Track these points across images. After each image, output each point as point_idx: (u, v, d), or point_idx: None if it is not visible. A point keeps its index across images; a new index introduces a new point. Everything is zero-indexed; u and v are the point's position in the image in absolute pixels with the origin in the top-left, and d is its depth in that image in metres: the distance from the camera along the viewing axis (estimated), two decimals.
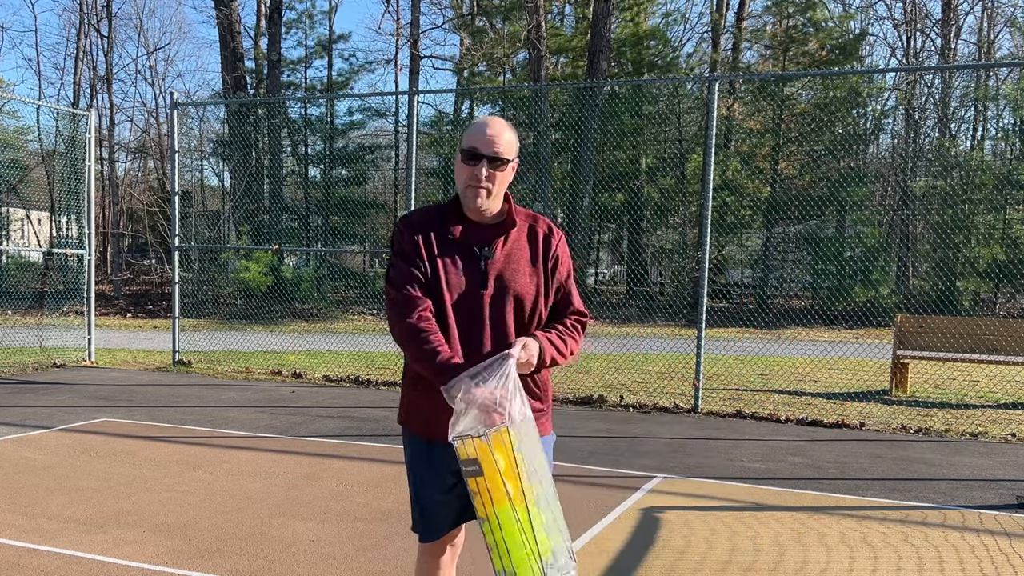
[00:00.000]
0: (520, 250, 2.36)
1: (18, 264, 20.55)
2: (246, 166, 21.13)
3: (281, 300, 17.76)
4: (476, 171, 2.27)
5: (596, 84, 16.73)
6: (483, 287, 2.30)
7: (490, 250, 2.32)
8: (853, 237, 19.17)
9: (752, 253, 20.90)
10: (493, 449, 2.07)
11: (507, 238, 2.34)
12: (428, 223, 2.35)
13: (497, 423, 2.06)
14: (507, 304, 2.31)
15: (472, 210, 2.33)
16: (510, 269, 2.33)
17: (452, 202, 2.40)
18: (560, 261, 2.41)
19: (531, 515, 2.10)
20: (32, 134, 26.01)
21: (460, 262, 2.31)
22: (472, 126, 2.32)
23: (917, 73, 20.67)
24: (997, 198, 18.70)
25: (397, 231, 2.39)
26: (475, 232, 2.35)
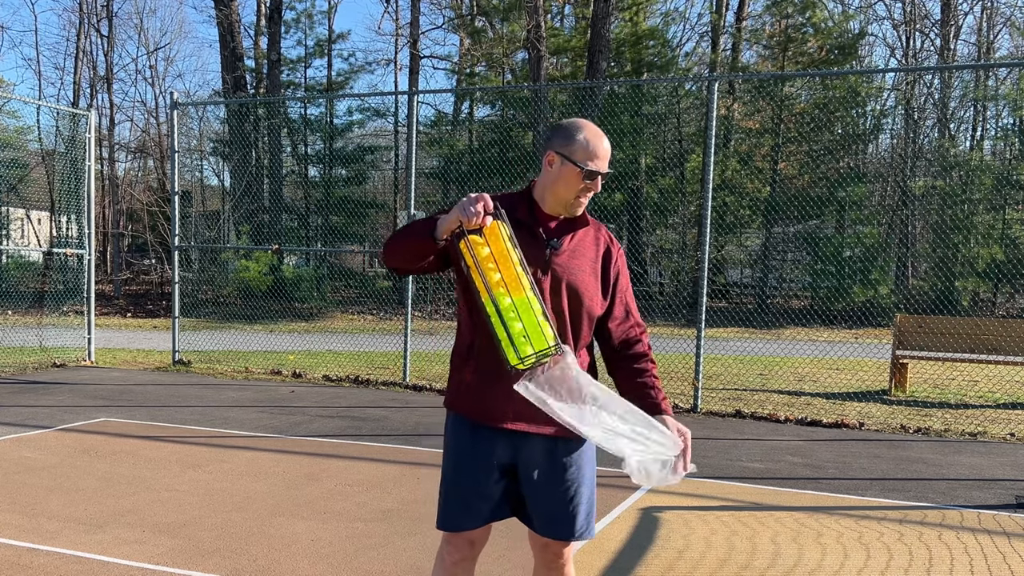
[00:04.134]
0: (584, 249, 2.39)
1: (18, 264, 20.55)
2: (246, 166, 21.13)
3: (281, 300, 17.76)
4: (593, 186, 2.33)
5: (596, 84, 16.73)
6: (544, 274, 2.31)
7: (558, 241, 2.35)
8: (852, 237, 19.18)
9: (751, 253, 20.90)
10: (487, 239, 2.13)
11: (575, 235, 2.38)
12: (505, 204, 2.33)
13: (487, 222, 2.12)
14: (564, 295, 2.32)
15: (559, 209, 2.37)
16: (573, 264, 2.35)
17: (523, 193, 2.43)
18: (621, 272, 2.46)
19: (530, 302, 2.14)
20: (32, 134, 26.02)
21: (527, 246, 2.29)
22: (587, 140, 2.32)
23: (916, 73, 20.67)
24: (996, 198, 18.71)
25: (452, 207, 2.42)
26: (548, 224, 2.38)
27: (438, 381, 8.92)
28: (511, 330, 2.10)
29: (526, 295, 2.13)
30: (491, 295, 2.12)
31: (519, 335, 2.10)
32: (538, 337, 2.10)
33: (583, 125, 2.34)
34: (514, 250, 2.15)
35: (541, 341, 2.10)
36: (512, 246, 2.15)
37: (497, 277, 2.12)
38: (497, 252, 2.12)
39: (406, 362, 8.91)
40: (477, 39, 25.00)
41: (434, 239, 2.18)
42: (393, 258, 2.30)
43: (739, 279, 21.98)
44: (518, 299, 2.12)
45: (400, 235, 2.28)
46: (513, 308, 2.11)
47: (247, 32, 25.75)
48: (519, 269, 2.14)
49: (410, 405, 7.76)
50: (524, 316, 2.11)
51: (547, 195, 2.37)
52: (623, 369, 2.49)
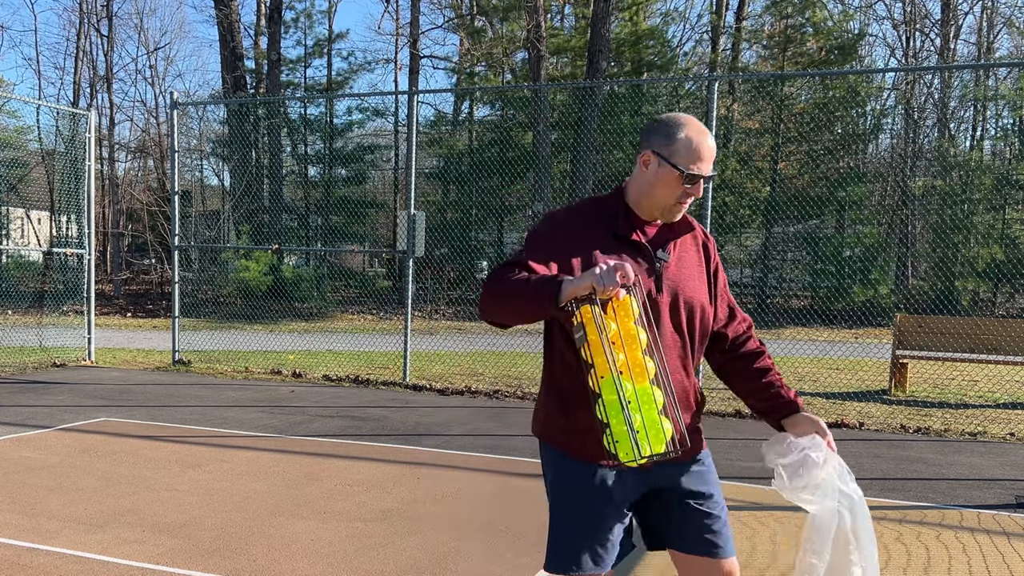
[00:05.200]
0: (688, 254, 2.18)
1: (18, 263, 20.55)
2: (246, 166, 21.13)
3: (281, 300, 17.76)
4: (694, 191, 2.09)
5: (595, 84, 16.74)
6: (659, 291, 2.08)
7: (665, 251, 2.12)
8: (852, 237, 19.18)
9: (751, 253, 20.90)
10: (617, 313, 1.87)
11: (677, 241, 2.15)
12: (589, 218, 2.11)
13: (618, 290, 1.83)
14: (683, 311, 2.11)
15: (655, 215, 2.13)
16: (683, 274, 2.13)
17: (615, 197, 2.16)
18: (719, 268, 2.25)
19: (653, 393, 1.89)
20: (32, 133, 26.03)
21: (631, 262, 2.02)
22: (689, 140, 2.06)
23: (916, 73, 20.67)
24: (996, 198, 18.71)
25: (540, 226, 2.12)
26: (646, 231, 2.13)
27: (438, 381, 8.92)
28: (631, 422, 1.85)
29: (649, 384, 1.89)
30: (615, 377, 1.86)
31: (638, 429, 1.86)
32: (657, 436, 1.87)
33: (685, 122, 2.08)
34: (643, 332, 1.90)
35: (659, 442, 1.87)
36: (641, 327, 1.90)
37: (621, 359, 1.86)
38: (624, 331, 1.87)
39: (406, 362, 8.91)
40: (477, 39, 25.00)
41: (555, 306, 1.86)
42: (497, 315, 2.01)
43: (739, 279, 21.98)
44: (640, 388, 1.88)
45: (508, 293, 1.95)
46: (635, 398, 1.86)
47: (247, 32, 25.77)
48: (645, 354, 1.90)
49: (410, 405, 7.77)
50: (645, 409, 1.87)
51: (643, 200, 2.12)
52: (742, 371, 2.27)
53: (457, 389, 8.51)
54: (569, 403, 2.10)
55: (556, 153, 20.48)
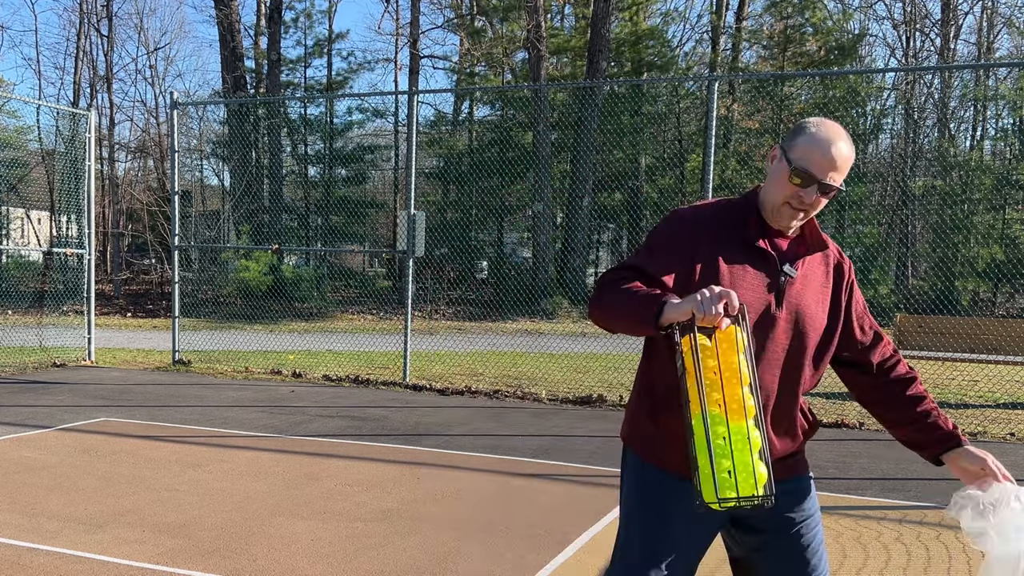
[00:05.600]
0: (815, 273, 2.02)
1: (18, 263, 20.56)
2: (246, 166, 21.14)
3: (281, 300, 17.77)
4: (803, 194, 1.91)
5: (595, 84, 16.74)
6: (778, 307, 1.95)
7: (792, 267, 1.97)
8: (852, 236, 19.17)
9: None
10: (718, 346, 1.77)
11: (806, 260, 2.01)
12: (717, 221, 1.99)
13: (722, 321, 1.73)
14: (800, 331, 1.98)
15: (769, 218, 2.00)
16: (807, 293, 1.99)
17: (750, 200, 2.03)
18: (854, 291, 2.08)
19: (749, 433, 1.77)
20: (32, 133, 26.04)
21: (754, 275, 1.94)
22: (812, 135, 1.91)
23: (916, 73, 20.68)
24: (996, 198, 18.72)
25: (664, 225, 2.01)
26: (776, 243, 1.99)
27: (438, 381, 8.92)
28: (716, 464, 1.74)
29: (746, 425, 1.76)
30: (704, 414, 1.75)
31: (723, 471, 1.74)
32: (747, 481, 1.74)
33: (819, 122, 1.93)
34: (747, 367, 1.79)
35: (749, 486, 1.74)
36: (746, 361, 1.78)
37: (717, 395, 1.76)
38: (726, 364, 1.76)
39: (406, 362, 8.91)
40: (477, 39, 25.01)
41: (655, 328, 1.78)
42: (603, 324, 1.95)
43: None
44: (735, 427, 1.75)
45: (614, 305, 1.88)
46: (726, 438, 1.75)
47: (247, 32, 25.77)
48: (746, 391, 1.77)
49: (410, 405, 7.77)
50: (738, 451, 1.74)
51: (764, 200, 2.00)
52: (892, 399, 2.10)
53: (457, 389, 8.51)
54: (659, 408, 2.01)
55: (556, 153, 20.49)
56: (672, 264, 1.93)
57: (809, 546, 2.05)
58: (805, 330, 1.98)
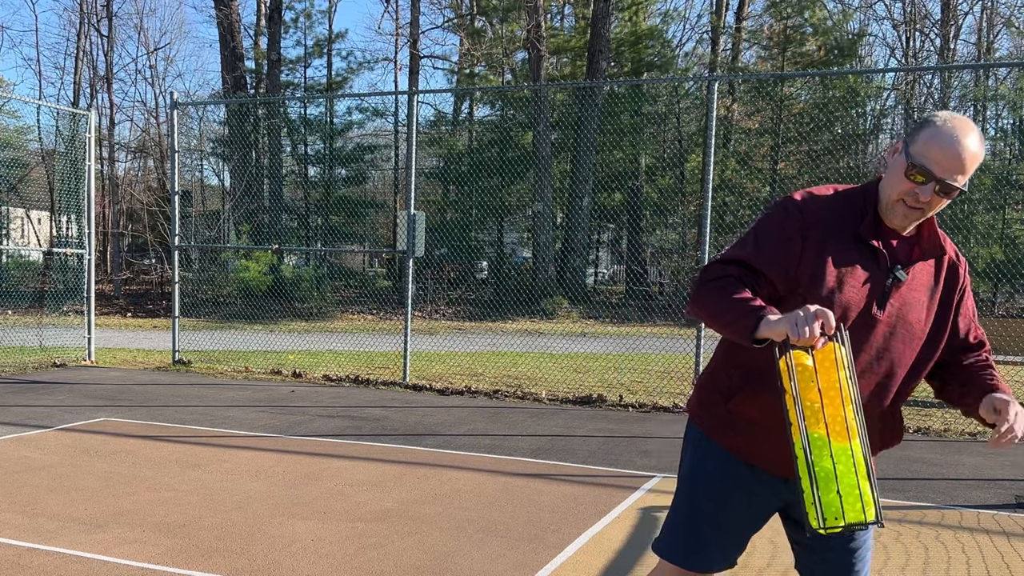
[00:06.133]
0: (923, 276, 1.92)
1: (18, 263, 20.56)
2: (246, 166, 21.14)
3: (281, 300, 17.77)
4: (920, 191, 1.81)
5: (595, 84, 16.74)
6: (881, 308, 1.88)
7: (904, 271, 1.88)
8: None
9: None
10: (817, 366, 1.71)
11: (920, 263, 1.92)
12: (831, 213, 1.90)
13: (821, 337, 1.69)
14: (901, 337, 1.90)
15: (883, 214, 1.91)
16: (914, 297, 1.90)
17: (869, 193, 1.93)
18: (966, 295, 1.98)
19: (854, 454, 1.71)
20: (32, 133, 26.04)
21: (862, 273, 1.87)
22: (938, 130, 1.79)
23: (916, 73, 20.68)
24: (996, 198, 18.72)
25: (781, 208, 1.93)
26: (888, 243, 1.90)
27: (438, 381, 8.92)
28: (821, 488, 1.69)
29: (851, 445, 1.71)
30: (805, 438, 1.70)
31: (830, 494, 1.69)
32: (854, 504, 1.70)
33: (949, 116, 1.81)
34: (851, 385, 1.72)
35: (857, 511, 1.70)
36: (848, 378, 1.72)
37: (819, 416, 1.70)
38: (826, 384, 1.70)
39: (406, 362, 8.91)
40: (477, 39, 25.01)
41: (751, 342, 1.75)
42: (699, 316, 1.91)
43: None
44: (839, 448, 1.70)
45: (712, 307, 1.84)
46: (830, 460, 1.69)
47: (247, 32, 25.78)
48: (851, 410, 1.71)
49: (410, 405, 7.77)
50: (843, 473, 1.70)
51: (881, 194, 1.90)
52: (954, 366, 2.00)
53: (457, 389, 8.51)
54: (734, 391, 1.97)
55: (556, 153, 20.48)
56: (778, 258, 1.87)
57: (856, 551, 2.02)
58: (906, 336, 1.90)
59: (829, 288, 1.84)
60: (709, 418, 2.04)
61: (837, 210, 1.90)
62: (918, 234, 1.92)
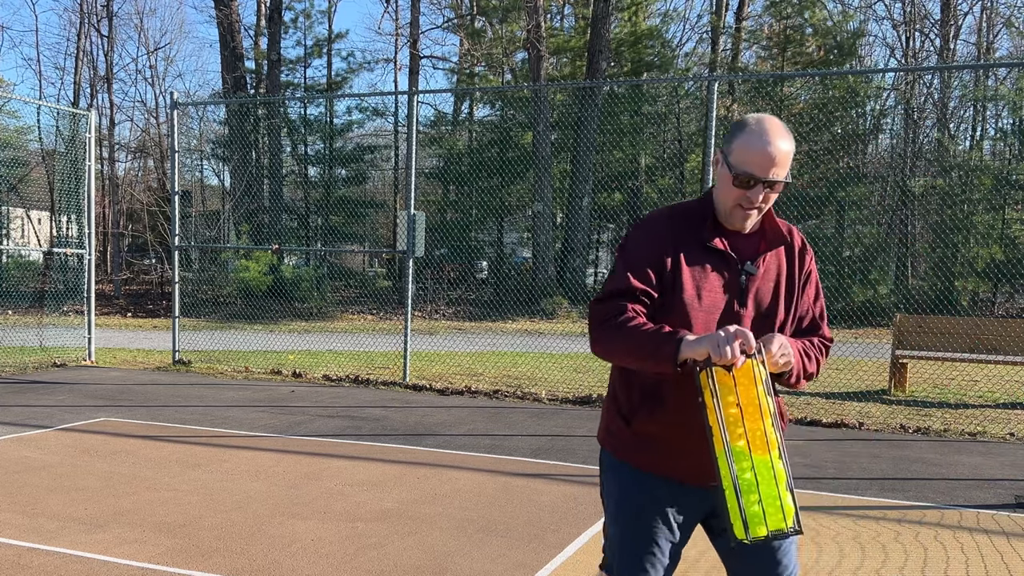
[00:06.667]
0: (776, 265, 2.06)
1: (18, 263, 20.56)
2: (246, 166, 21.14)
3: (281, 300, 17.77)
4: (750, 195, 1.94)
5: (595, 84, 16.75)
6: (742, 305, 2.00)
7: (753, 265, 2.01)
8: (852, 237, 19.18)
9: None
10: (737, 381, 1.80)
11: (768, 254, 2.04)
12: (678, 225, 2.02)
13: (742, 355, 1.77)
14: (758, 326, 2.01)
15: (724, 220, 2.03)
16: (766, 287, 2.03)
17: (706, 203, 2.06)
18: (810, 280, 2.11)
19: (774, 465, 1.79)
20: (32, 133, 26.05)
21: (715, 275, 1.99)
22: (746, 135, 1.94)
23: (916, 73, 20.68)
24: (996, 198, 18.72)
25: (635, 232, 2.06)
26: (734, 242, 2.02)
27: (438, 381, 8.93)
28: (744, 499, 1.77)
29: (771, 457, 1.79)
30: (728, 450, 1.78)
31: (753, 505, 1.77)
32: (775, 514, 1.78)
33: (755, 120, 1.95)
34: (769, 400, 1.81)
35: (778, 520, 1.78)
36: (767, 394, 1.81)
37: (740, 430, 1.79)
38: (746, 399, 1.79)
39: (406, 362, 8.92)
40: (477, 39, 25.01)
41: (674, 366, 1.83)
42: (614, 362, 2.01)
43: None
44: (760, 460, 1.78)
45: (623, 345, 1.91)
46: (752, 472, 1.78)
47: (247, 32, 25.78)
48: (769, 424, 1.80)
49: (410, 405, 7.77)
50: (764, 484, 1.78)
51: (717, 203, 2.03)
52: None
53: (457, 389, 8.51)
54: (633, 412, 2.06)
55: (556, 153, 20.48)
56: (651, 274, 1.98)
57: (782, 553, 2.07)
58: (768, 324, 2.02)
59: (690, 296, 1.97)
60: (617, 442, 2.11)
61: (682, 224, 2.03)
62: (761, 228, 2.06)
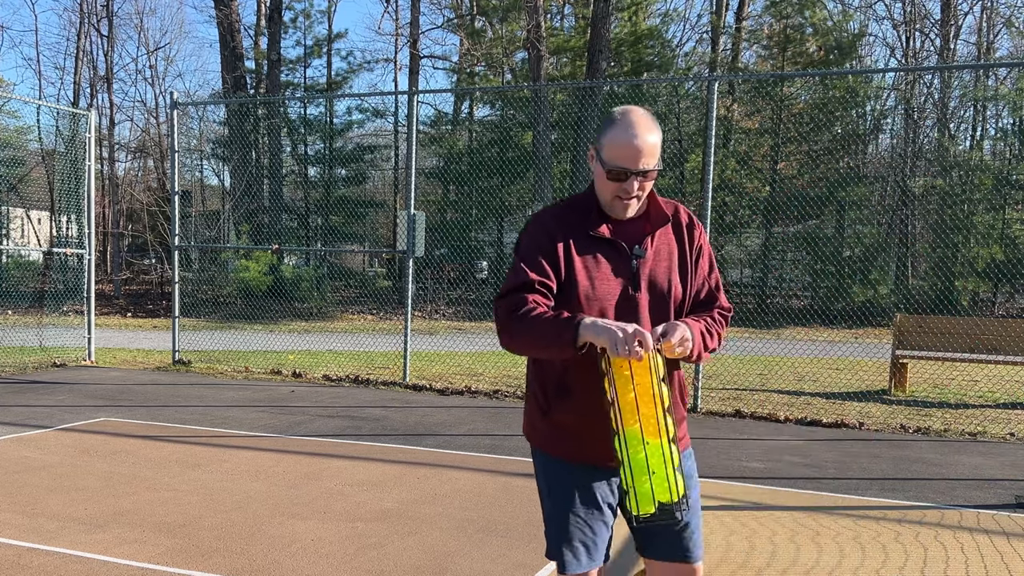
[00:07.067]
0: (667, 244, 2.15)
1: (18, 263, 20.56)
2: (246, 166, 21.14)
3: (281, 300, 17.77)
4: (625, 187, 2.04)
5: (595, 84, 16.74)
6: (636, 289, 2.09)
7: (641, 248, 2.10)
8: (852, 237, 19.18)
9: (751, 253, 20.89)
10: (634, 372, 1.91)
11: (656, 235, 2.13)
12: (565, 220, 2.12)
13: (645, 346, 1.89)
14: (657, 305, 2.11)
15: (607, 212, 2.13)
16: (660, 267, 2.12)
17: (590, 196, 2.15)
18: (702, 253, 2.21)
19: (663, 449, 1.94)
20: (32, 133, 26.03)
21: (607, 263, 2.08)
22: (614, 130, 2.03)
23: (916, 73, 20.68)
24: (996, 198, 18.72)
25: (526, 231, 2.15)
26: (621, 229, 2.12)
27: (438, 381, 8.93)
28: (636, 478, 1.94)
29: (663, 442, 1.94)
30: (623, 434, 1.94)
31: (644, 485, 1.94)
32: (663, 492, 1.95)
33: (621, 114, 2.05)
34: (664, 390, 1.95)
35: (665, 496, 1.95)
36: (659, 383, 1.94)
37: (635, 416, 1.93)
38: (641, 389, 1.92)
39: (406, 362, 8.91)
40: (477, 39, 25.01)
41: (575, 349, 1.93)
42: (521, 353, 2.09)
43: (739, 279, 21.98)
44: (652, 444, 1.93)
45: (527, 335, 2.01)
46: (644, 454, 1.93)
47: (247, 32, 25.78)
48: (662, 412, 1.94)
49: (410, 405, 7.77)
50: (655, 465, 1.93)
51: (599, 195, 2.12)
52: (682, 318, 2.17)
53: (457, 389, 8.51)
54: (547, 405, 2.17)
55: (556, 153, 20.47)
56: (546, 265, 2.06)
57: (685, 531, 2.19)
58: (664, 303, 2.11)
59: (584, 286, 2.06)
60: (538, 435, 2.22)
61: (570, 215, 2.13)
62: (647, 211, 2.15)
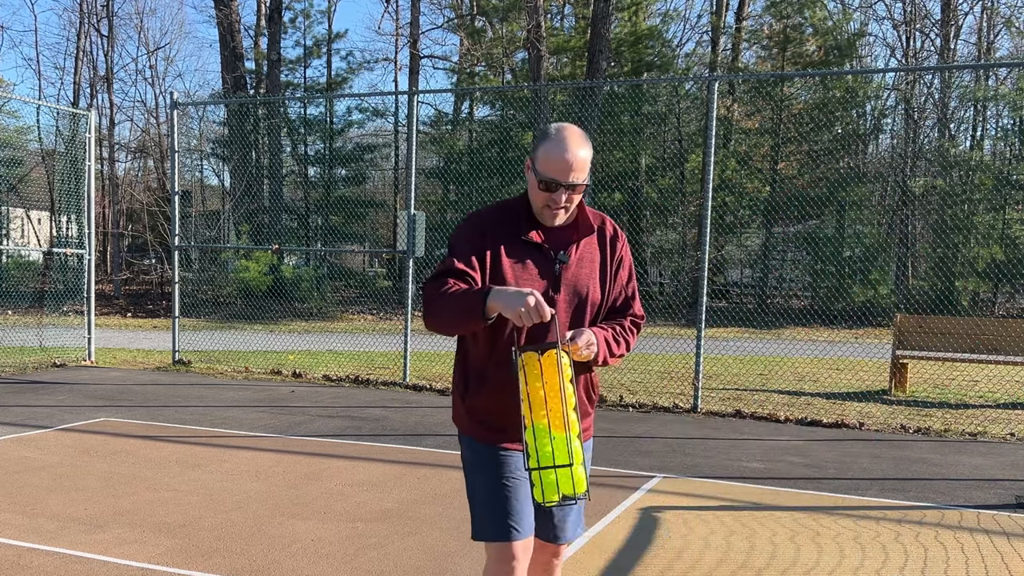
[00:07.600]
0: (591, 252, 2.32)
1: (18, 264, 20.55)
2: (246, 166, 21.13)
3: (281, 300, 17.77)
4: (555, 197, 2.20)
5: (595, 84, 16.74)
6: (556, 291, 2.24)
7: (565, 254, 2.26)
8: (852, 237, 19.17)
9: (751, 253, 20.90)
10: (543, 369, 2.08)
11: (581, 243, 2.30)
12: (498, 222, 2.28)
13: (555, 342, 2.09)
14: (576, 308, 2.28)
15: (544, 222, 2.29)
16: (583, 273, 2.29)
17: (523, 201, 2.32)
18: (623, 264, 2.38)
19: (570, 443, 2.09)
20: (32, 133, 26.02)
21: (532, 265, 2.25)
22: (548, 144, 2.19)
23: (916, 73, 20.68)
24: (996, 198, 18.71)
25: (460, 227, 2.31)
26: (550, 235, 2.28)
27: (438, 381, 8.92)
28: (543, 470, 2.08)
29: (568, 436, 2.08)
30: (533, 425, 2.09)
31: (550, 475, 2.08)
32: (567, 483, 2.08)
33: (556, 130, 2.21)
34: (571, 388, 2.11)
35: (568, 487, 2.09)
36: (570, 381, 2.10)
37: (543, 410, 2.08)
38: (550, 385, 2.08)
39: (406, 362, 8.91)
40: (477, 39, 25.00)
41: (484, 318, 2.09)
42: (442, 331, 2.23)
43: (739, 279, 21.99)
44: (559, 437, 2.08)
45: (444, 311, 2.16)
46: (550, 445, 2.07)
47: (247, 32, 25.77)
48: (570, 407, 2.09)
49: (410, 405, 7.77)
50: (560, 457, 2.07)
51: (532, 203, 2.29)
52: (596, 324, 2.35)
53: None
54: (467, 392, 2.33)
55: None
56: (475, 260, 2.22)
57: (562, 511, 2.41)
58: (582, 307, 2.28)
59: (509, 280, 2.21)
60: (462, 420, 2.38)
61: (503, 219, 2.28)
62: (576, 220, 2.30)
